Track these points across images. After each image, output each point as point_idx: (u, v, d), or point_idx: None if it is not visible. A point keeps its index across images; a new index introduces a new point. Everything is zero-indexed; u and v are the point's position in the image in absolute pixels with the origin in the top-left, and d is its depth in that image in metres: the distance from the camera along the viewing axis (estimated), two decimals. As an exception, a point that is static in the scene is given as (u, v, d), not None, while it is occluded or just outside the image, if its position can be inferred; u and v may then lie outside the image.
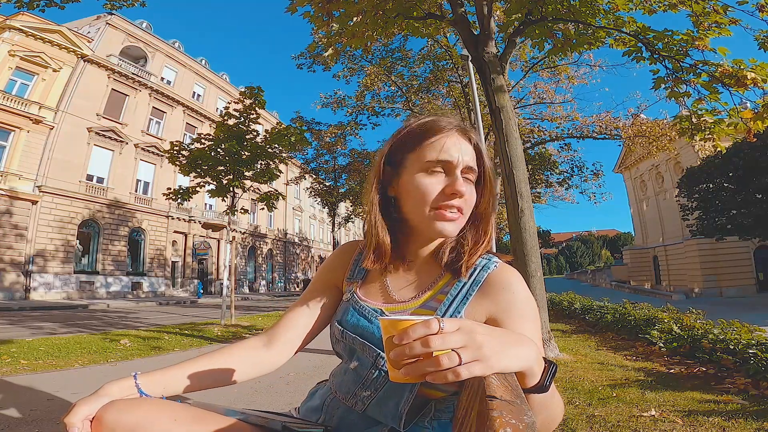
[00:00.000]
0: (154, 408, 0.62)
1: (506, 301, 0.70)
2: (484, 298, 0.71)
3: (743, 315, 5.64)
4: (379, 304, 0.77)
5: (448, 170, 0.72)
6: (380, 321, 0.49)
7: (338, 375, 0.80)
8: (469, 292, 0.71)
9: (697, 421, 2.30)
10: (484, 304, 0.70)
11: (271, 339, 0.81)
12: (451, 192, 0.71)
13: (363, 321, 0.75)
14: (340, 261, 0.87)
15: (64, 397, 2.88)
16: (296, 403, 0.87)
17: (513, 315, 0.68)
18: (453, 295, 0.72)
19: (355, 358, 0.75)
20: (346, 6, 4.85)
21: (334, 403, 0.78)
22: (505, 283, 0.71)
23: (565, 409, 0.64)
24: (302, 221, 39.63)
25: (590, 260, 78.06)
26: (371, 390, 0.71)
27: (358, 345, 0.74)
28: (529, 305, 0.70)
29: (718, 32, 4.54)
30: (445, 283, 0.75)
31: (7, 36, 17.06)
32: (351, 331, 0.75)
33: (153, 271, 22.61)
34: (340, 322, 0.78)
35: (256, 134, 8.85)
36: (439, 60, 12.08)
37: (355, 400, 0.73)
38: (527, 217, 4.82)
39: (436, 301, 0.73)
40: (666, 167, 28.40)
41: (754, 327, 4.04)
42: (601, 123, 12.79)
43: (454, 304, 0.71)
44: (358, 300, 0.79)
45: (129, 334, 6.20)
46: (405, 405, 0.67)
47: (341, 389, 0.76)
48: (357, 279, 0.82)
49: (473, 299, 0.71)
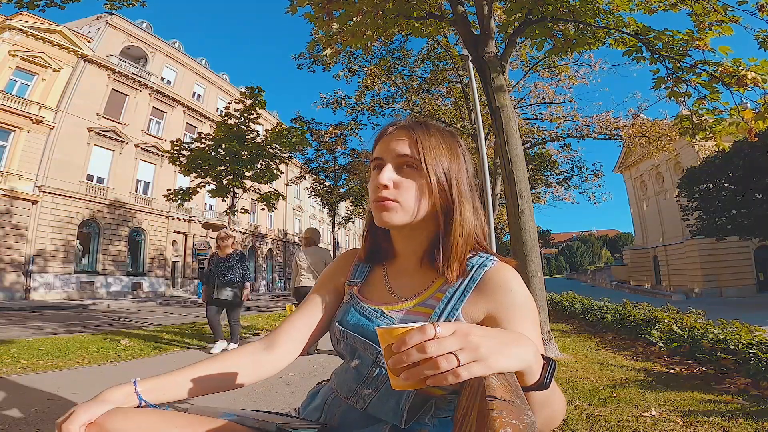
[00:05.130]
0: (153, 417, 0.63)
1: (504, 300, 0.70)
2: (481, 296, 0.71)
3: (743, 315, 5.63)
4: (379, 304, 0.78)
5: (380, 165, 0.76)
6: (377, 330, 0.50)
7: (339, 374, 0.81)
8: (466, 290, 0.72)
9: (697, 421, 2.30)
10: (481, 302, 0.71)
11: (272, 343, 0.82)
12: (376, 185, 0.74)
13: (363, 320, 0.76)
14: (341, 267, 0.90)
15: (64, 397, 2.88)
16: (296, 403, 0.87)
17: (511, 314, 0.69)
18: (450, 294, 0.72)
19: (356, 357, 0.76)
20: (347, 6, 4.85)
21: (336, 402, 0.78)
22: (503, 282, 0.71)
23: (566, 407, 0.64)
24: (302, 221, 39.62)
25: (590, 260, 78.00)
26: (372, 388, 0.72)
27: (359, 343, 0.75)
28: (527, 304, 0.70)
29: (718, 32, 4.55)
30: (443, 282, 0.75)
31: (7, 36, 17.07)
32: (352, 330, 0.76)
33: (153, 271, 22.62)
34: (341, 322, 0.79)
35: (257, 134, 8.86)
36: (439, 60, 12.08)
37: (356, 398, 0.74)
38: (527, 217, 4.82)
39: (435, 299, 0.74)
40: (666, 167, 28.40)
41: (754, 327, 4.03)
42: (601, 123, 12.79)
43: (452, 302, 0.71)
44: (358, 300, 0.80)
45: (129, 334, 6.21)
46: (406, 402, 0.68)
47: (342, 388, 0.77)
48: (357, 282, 0.85)
49: (470, 297, 0.71)
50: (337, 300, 0.87)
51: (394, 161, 0.75)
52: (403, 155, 0.74)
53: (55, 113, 18.46)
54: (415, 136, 0.76)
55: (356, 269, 0.87)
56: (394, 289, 0.81)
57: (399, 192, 0.74)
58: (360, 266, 0.87)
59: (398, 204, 0.74)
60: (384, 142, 0.78)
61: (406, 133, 0.77)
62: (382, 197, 0.74)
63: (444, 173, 0.75)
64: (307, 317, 0.84)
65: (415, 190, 0.74)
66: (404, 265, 0.82)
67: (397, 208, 0.74)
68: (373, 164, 0.79)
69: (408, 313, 0.74)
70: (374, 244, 0.85)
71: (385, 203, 0.74)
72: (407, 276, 0.81)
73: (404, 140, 0.76)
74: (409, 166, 0.75)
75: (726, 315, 4.94)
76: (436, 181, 0.74)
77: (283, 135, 8.87)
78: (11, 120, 16.94)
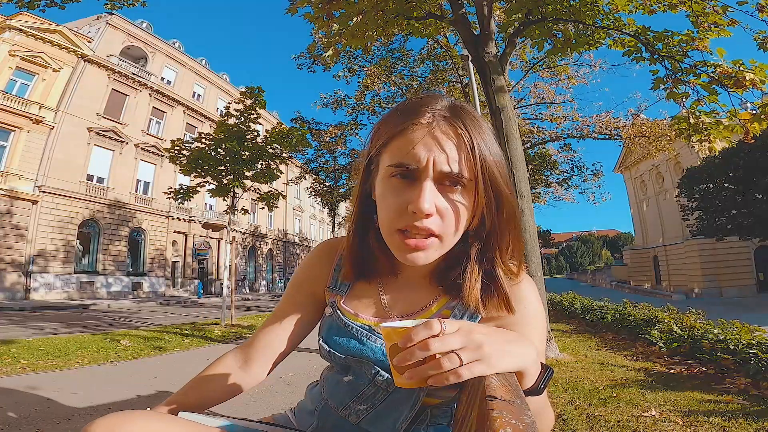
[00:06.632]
0: (149, 421, 0.57)
1: (518, 315, 0.63)
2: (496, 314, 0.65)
3: (743, 315, 5.64)
4: (369, 319, 0.69)
5: (414, 177, 0.55)
6: (381, 329, 0.50)
7: (331, 383, 0.74)
8: (479, 309, 0.64)
9: (697, 421, 2.30)
10: (494, 318, 0.64)
11: (246, 359, 0.76)
12: (412, 210, 0.54)
13: (353, 342, 0.67)
14: (320, 266, 0.76)
15: (64, 397, 2.88)
16: (296, 402, 0.87)
17: (521, 324, 0.63)
18: (461, 312, 0.65)
19: (350, 373, 0.70)
20: (347, 6, 4.85)
21: (326, 410, 0.73)
22: (518, 297, 0.64)
23: (564, 411, 0.62)
24: (302, 221, 39.64)
25: (590, 260, 77.98)
26: (368, 404, 0.67)
27: (352, 362, 0.68)
28: (538, 316, 0.65)
29: (717, 33, 4.55)
30: (449, 299, 0.67)
31: (7, 36, 17.06)
32: (339, 352, 0.68)
33: (153, 271, 22.61)
34: (325, 340, 0.70)
35: (257, 134, 8.86)
36: (439, 60, 12.09)
37: (348, 412, 0.68)
38: (527, 217, 4.83)
39: (441, 317, 0.66)
40: (666, 167, 28.40)
41: (754, 327, 4.03)
42: (601, 123, 12.79)
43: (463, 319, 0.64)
44: (342, 316, 0.69)
45: (129, 334, 6.21)
46: (404, 422, 0.64)
47: (334, 399, 0.71)
48: (340, 291, 0.72)
49: (484, 317, 0.64)
50: (316, 306, 0.77)
51: (437, 176, 0.55)
52: (448, 174, 0.54)
53: (55, 113, 18.45)
54: (469, 136, 0.55)
55: (338, 272, 0.74)
56: (388, 302, 0.70)
57: (442, 222, 0.56)
58: (343, 269, 0.73)
59: (438, 239, 0.57)
60: (417, 142, 0.55)
61: (453, 131, 0.55)
62: (423, 229, 0.55)
63: (500, 192, 0.58)
64: (282, 331, 0.75)
65: (459, 217, 0.57)
66: (404, 278, 0.70)
67: (435, 245, 0.57)
68: (392, 170, 0.56)
69: None
70: (364, 260, 0.69)
71: (423, 241, 0.56)
72: (406, 289, 0.70)
73: (451, 143, 0.55)
74: (452, 182, 0.56)
75: (726, 315, 4.95)
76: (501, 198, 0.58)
77: (283, 135, 8.85)
78: (11, 120, 16.93)
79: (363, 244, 0.67)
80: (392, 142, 0.57)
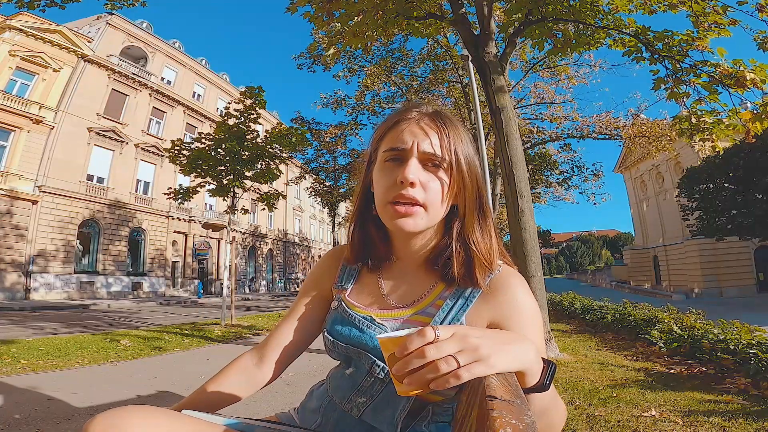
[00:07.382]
0: (150, 416, 0.57)
1: (508, 307, 0.66)
2: (485, 303, 0.67)
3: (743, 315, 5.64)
4: (371, 310, 0.73)
5: (403, 158, 0.66)
6: (378, 340, 0.50)
7: (335, 378, 0.78)
8: (470, 297, 0.68)
9: (697, 421, 2.31)
10: (485, 310, 0.67)
11: (262, 357, 0.80)
12: (399, 180, 0.64)
13: (354, 331, 0.71)
14: (327, 268, 0.83)
15: (64, 397, 2.88)
16: (297, 402, 0.87)
17: (514, 320, 0.65)
18: (453, 301, 0.68)
19: (351, 365, 0.74)
20: (347, 6, 4.86)
21: (331, 407, 0.76)
22: (507, 288, 0.67)
23: (567, 412, 0.62)
24: (302, 221, 39.63)
25: (590, 260, 78.04)
26: (367, 396, 0.70)
27: (353, 353, 0.71)
28: (531, 309, 0.67)
29: (717, 32, 4.55)
30: (444, 288, 0.70)
31: (7, 36, 17.06)
32: (342, 342, 0.72)
33: (153, 271, 22.61)
34: (330, 331, 0.75)
35: (257, 134, 8.85)
36: (439, 60, 12.10)
37: (350, 405, 0.71)
38: (527, 217, 4.83)
39: (434, 306, 0.69)
40: (666, 167, 28.41)
41: (754, 327, 4.04)
42: (601, 123, 12.81)
43: (454, 310, 0.67)
44: (347, 308, 0.75)
45: (129, 334, 6.21)
46: (401, 413, 0.66)
47: (338, 393, 0.75)
48: (345, 286, 0.78)
49: (474, 305, 0.67)
50: (325, 305, 0.82)
51: (420, 156, 0.66)
52: (431, 155, 0.65)
53: (55, 113, 18.45)
54: (446, 130, 0.67)
55: (344, 271, 0.80)
56: (388, 293, 0.74)
57: (426, 193, 0.65)
58: (348, 268, 0.80)
59: (423, 208, 0.65)
60: (404, 130, 0.67)
61: (434, 125, 0.67)
62: (409, 197, 0.64)
63: (476, 177, 0.69)
64: (296, 330, 0.80)
65: (440, 192, 0.66)
66: (401, 268, 0.75)
67: (421, 214, 0.65)
68: (386, 155, 0.68)
69: (405, 323, 0.70)
70: (365, 245, 0.76)
71: (410, 207, 0.65)
72: (404, 279, 0.75)
73: (432, 132, 0.67)
74: (433, 164, 0.66)
75: (726, 315, 4.94)
76: (469, 184, 0.68)
77: (283, 135, 8.84)
78: (11, 120, 16.93)
79: (363, 231, 0.76)
80: (386, 135, 0.70)
